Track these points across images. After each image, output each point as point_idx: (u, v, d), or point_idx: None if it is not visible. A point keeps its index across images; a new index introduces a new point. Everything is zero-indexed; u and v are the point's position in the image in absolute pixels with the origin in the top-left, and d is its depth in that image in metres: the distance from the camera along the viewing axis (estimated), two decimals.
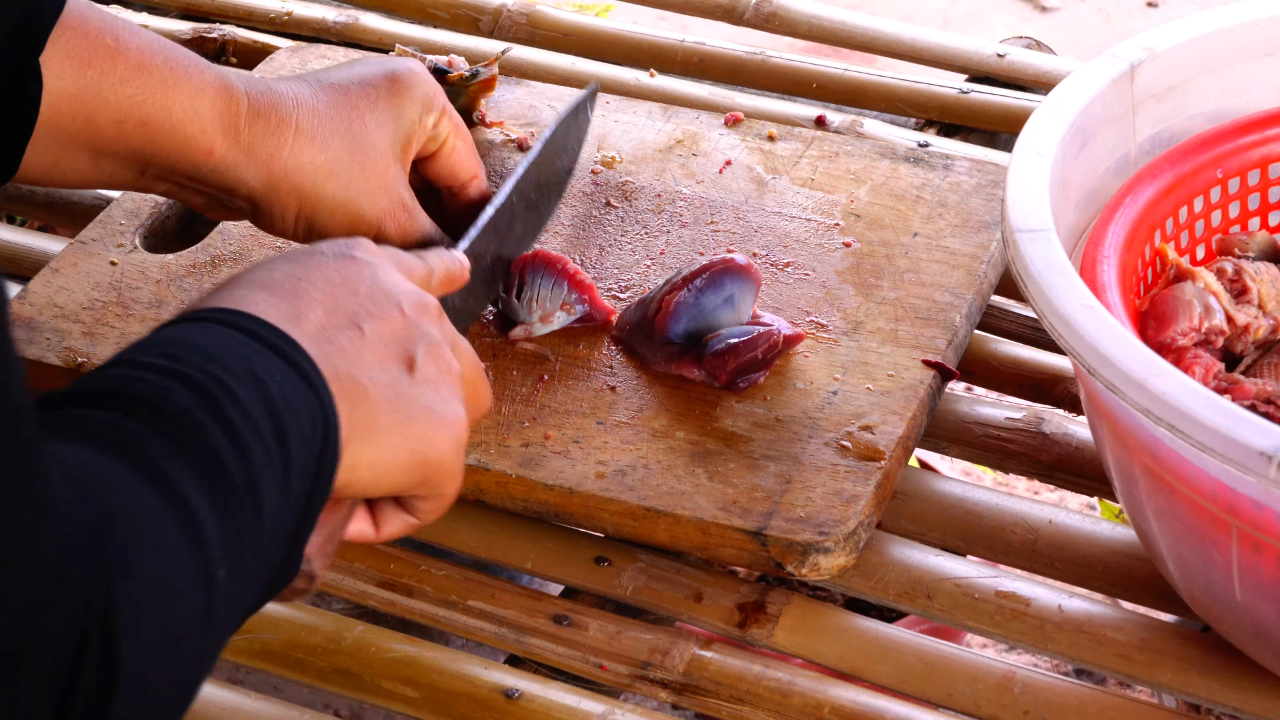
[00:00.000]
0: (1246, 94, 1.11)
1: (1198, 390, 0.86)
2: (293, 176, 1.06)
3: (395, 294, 0.87)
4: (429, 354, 0.86)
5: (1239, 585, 0.91)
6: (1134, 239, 1.03)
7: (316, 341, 0.81)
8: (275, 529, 0.75)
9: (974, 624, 1.03)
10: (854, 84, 1.43)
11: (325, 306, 0.83)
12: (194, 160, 1.05)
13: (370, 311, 0.85)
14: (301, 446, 0.77)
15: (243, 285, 0.83)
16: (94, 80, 1.02)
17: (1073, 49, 2.79)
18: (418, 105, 1.11)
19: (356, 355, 0.83)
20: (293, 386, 0.78)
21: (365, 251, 0.88)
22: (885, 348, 1.12)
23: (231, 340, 0.78)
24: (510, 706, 1.00)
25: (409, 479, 0.85)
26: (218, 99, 1.05)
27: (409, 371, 0.85)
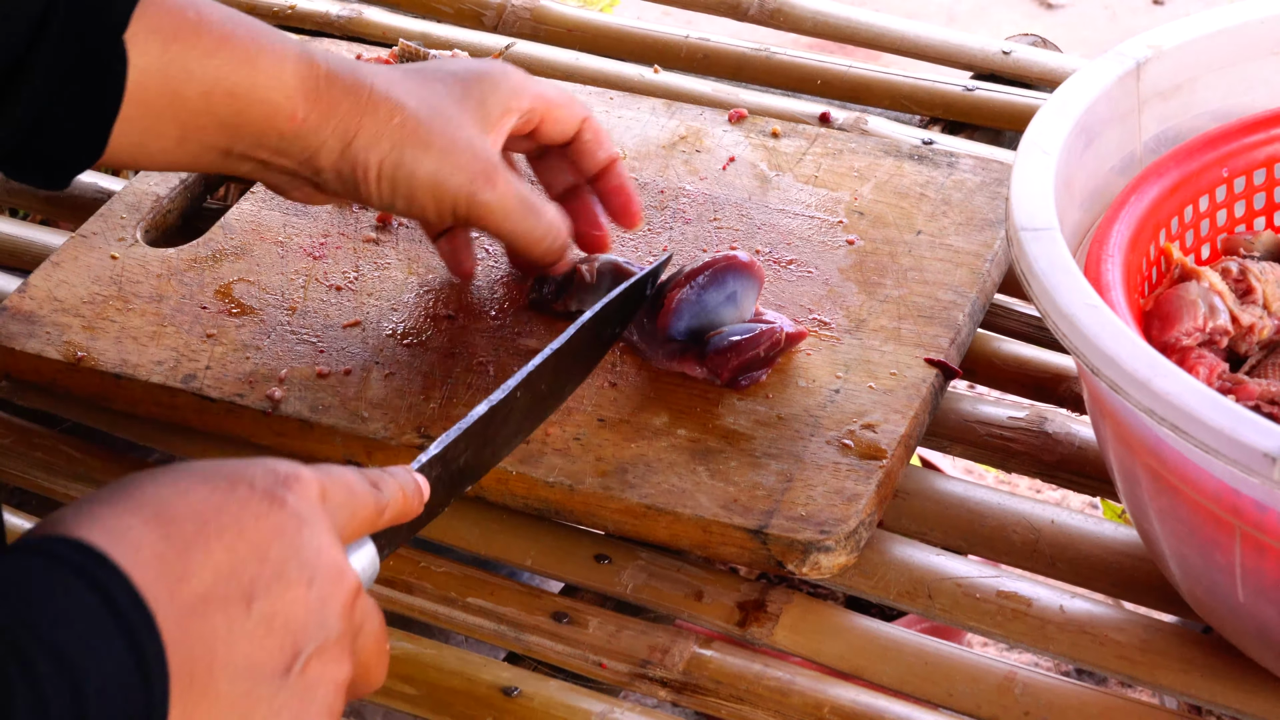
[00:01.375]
0: (1252, 93, 1.11)
1: (1202, 391, 0.86)
2: (370, 133, 1.05)
3: (311, 566, 0.74)
4: (317, 654, 0.74)
5: (1241, 587, 0.91)
6: (1139, 238, 1.03)
7: (184, 620, 0.70)
8: None
9: (975, 624, 1.02)
10: (858, 81, 1.42)
11: (219, 569, 0.71)
12: (280, 128, 1.04)
13: (269, 586, 0.72)
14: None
15: (136, 509, 0.72)
16: (179, 55, 1.02)
17: (1078, 46, 2.78)
18: (501, 90, 1.10)
19: (227, 645, 0.71)
20: (121, 679, 0.67)
21: (299, 498, 0.75)
22: (888, 346, 1.12)
23: (74, 600, 0.67)
24: (509, 704, 0.99)
25: None
26: (299, 65, 1.04)
27: (283, 673, 0.73)
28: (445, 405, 1.10)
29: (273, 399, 1.11)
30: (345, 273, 1.20)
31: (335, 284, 1.20)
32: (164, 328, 1.17)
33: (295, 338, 1.16)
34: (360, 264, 1.21)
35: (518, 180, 1.09)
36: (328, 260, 1.21)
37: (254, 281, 1.20)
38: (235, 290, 1.19)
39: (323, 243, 1.23)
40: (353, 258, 1.21)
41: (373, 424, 1.09)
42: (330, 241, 1.23)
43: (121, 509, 0.72)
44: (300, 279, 1.20)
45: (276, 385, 1.12)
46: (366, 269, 1.21)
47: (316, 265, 1.21)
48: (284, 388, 1.12)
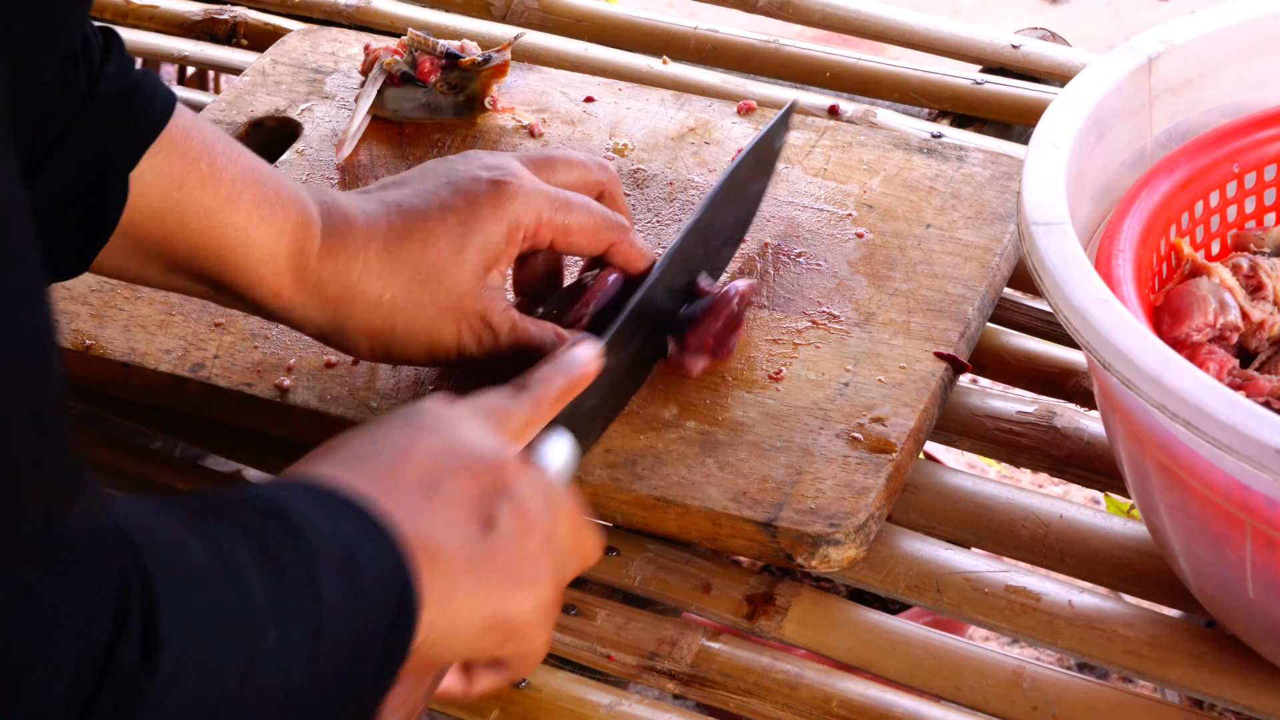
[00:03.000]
0: (1264, 88, 1.11)
1: (1213, 386, 0.85)
2: (359, 314, 1.04)
3: (468, 455, 0.86)
4: (512, 510, 0.85)
5: (1252, 583, 0.91)
6: (1149, 233, 1.03)
7: (403, 511, 0.81)
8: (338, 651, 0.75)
9: (983, 618, 1.02)
10: (867, 74, 1.42)
11: (405, 476, 0.83)
12: (262, 297, 1.03)
13: (441, 479, 0.84)
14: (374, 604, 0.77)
15: (326, 460, 0.84)
16: (179, 204, 1.00)
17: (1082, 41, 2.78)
18: (503, 229, 1.05)
19: (431, 515, 0.82)
20: (373, 548, 0.78)
21: (432, 418, 0.87)
22: (897, 339, 1.12)
23: (330, 514, 0.79)
24: (517, 695, 0.99)
25: (489, 641, 0.84)
26: (294, 238, 1.03)
27: (487, 530, 0.84)
28: (453, 396, 1.10)
29: (281, 388, 1.11)
30: None
31: None
32: (172, 316, 1.17)
33: None
34: None
35: (502, 322, 1.06)
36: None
37: None
38: None
39: None
40: None
41: (381, 414, 1.09)
42: None
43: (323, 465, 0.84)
44: None
45: (285, 374, 1.12)
46: None
47: None
48: (292, 377, 1.12)
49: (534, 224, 1.06)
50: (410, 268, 1.04)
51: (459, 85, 1.31)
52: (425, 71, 1.31)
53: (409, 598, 0.78)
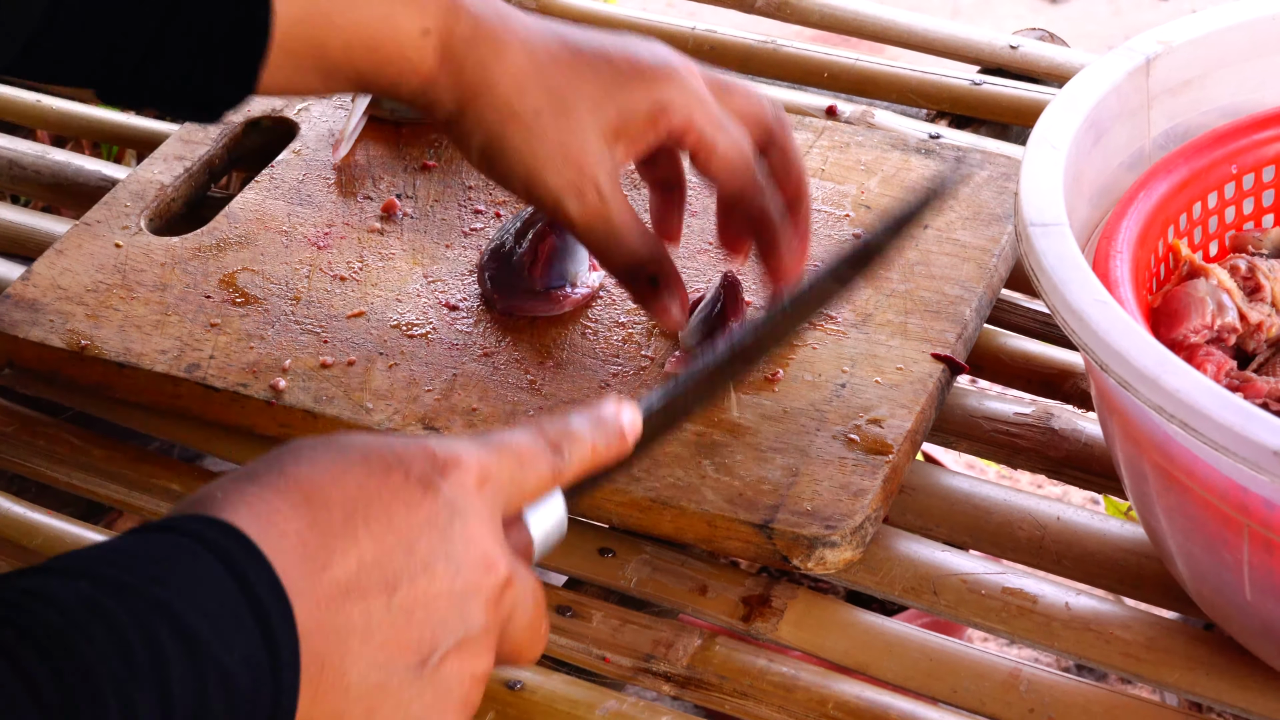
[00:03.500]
0: (1262, 89, 1.11)
1: (1211, 388, 0.85)
2: (484, 109, 1.02)
3: (456, 560, 0.72)
4: (456, 650, 0.73)
5: (1249, 585, 0.90)
6: (1147, 234, 1.02)
7: (323, 606, 0.69)
8: None
9: (980, 620, 1.02)
10: (865, 74, 1.42)
11: (364, 558, 0.70)
12: (410, 82, 1.02)
13: (414, 577, 0.71)
14: None
15: (289, 489, 0.71)
16: (324, 4, 1.00)
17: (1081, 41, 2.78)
18: (648, 104, 1.01)
19: (362, 641, 0.70)
20: (252, 671, 0.66)
21: (454, 486, 0.74)
22: (894, 341, 1.11)
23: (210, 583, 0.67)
24: (512, 698, 0.99)
25: None
26: (441, 19, 1.02)
27: (419, 666, 0.71)
28: (448, 397, 1.10)
29: (276, 389, 1.11)
30: (350, 263, 1.20)
31: (339, 274, 1.19)
32: (168, 317, 1.16)
33: (299, 328, 1.15)
34: (365, 254, 1.21)
35: (613, 198, 1.02)
36: (332, 250, 1.21)
37: (258, 271, 1.19)
38: (239, 279, 1.19)
39: (327, 232, 1.22)
40: (357, 248, 1.21)
41: (376, 415, 1.09)
42: (335, 231, 1.22)
43: (272, 490, 0.71)
44: (304, 269, 1.20)
45: (280, 375, 1.12)
46: (371, 259, 1.20)
47: (321, 255, 1.21)
48: (288, 378, 1.12)
49: (681, 122, 1.02)
50: (547, 94, 1.01)
51: None
52: None
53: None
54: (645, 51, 1.04)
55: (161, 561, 0.67)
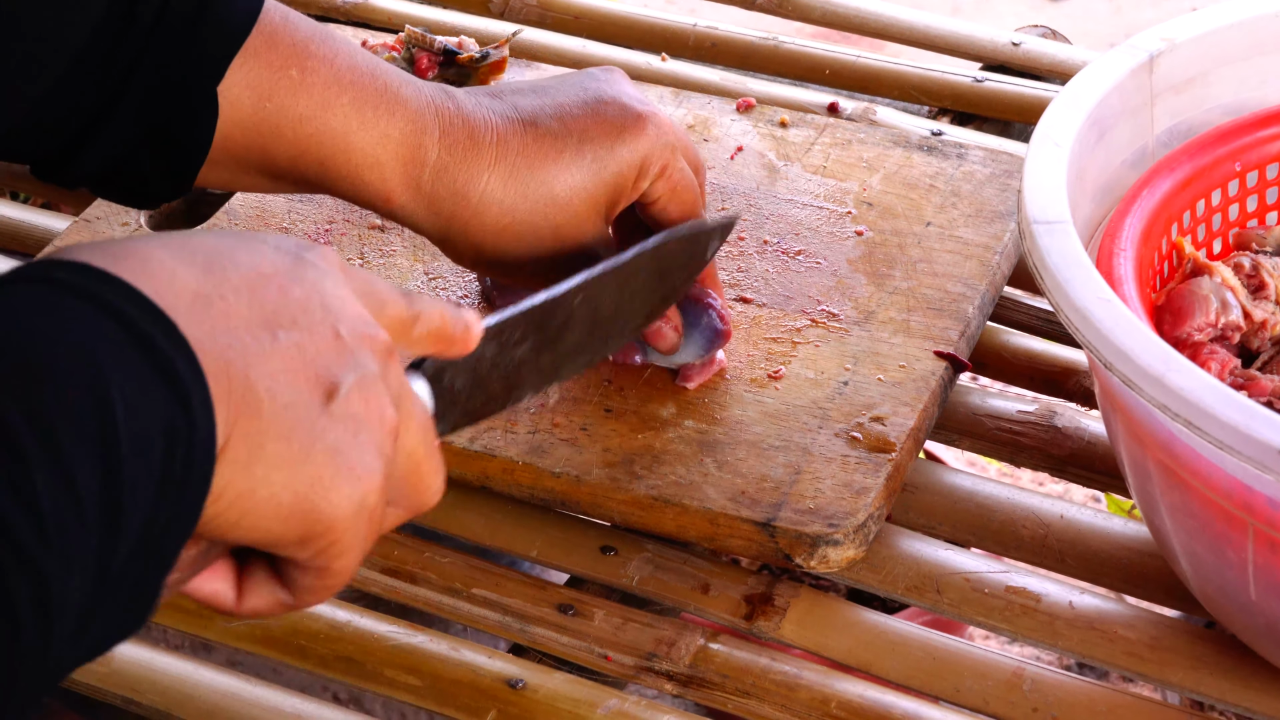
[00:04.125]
0: (1265, 87, 1.10)
1: (1215, 386, 0.85)
2: (473, 234, 1.00)
3: (335, 311, 0.71)
4: (358, 387, 0.70)
5: (1254, 584, 0.90)
6: (1151, 232, 1.02)
7: (214, 331, 0.67)
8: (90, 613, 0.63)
9: (984, 619, 1.02)
10: (867, 71, 1.42)
11: (239, 296, 0.69)
12: (370, 203, 1.00)
13: (295, 319, 0.70)
14: (145, 489, 0.63)
15: (149, 242, 0.69)
16: (272, 115, 0.97)
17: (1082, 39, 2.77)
18: (634, 167, 1.02)
19: (260, 359, 0.68)
20: (152, 406, 0.64)
21: (321, 258, 0.73)
22: (897, 338, 1.11)
23: (83, 328, 0.64)
24: (514, 696, 0.99)
25: (285, 529, 0.69)
26: (404, 146, 0.99)
27: (325, 400, 0.69)
28: None
29: None
30: (350, 259, 1.20)
31: None
32: None
33: None
34: (365, 251, 1.20)
35: (608, 255, 1.01)
36: (333, 246, 1.20)
37: None
38: None
39: (328, 229, 1.22)
40: (358, 245, 1.21)
41: None
42: (335, 228, 1.22)
43: (128, 243, 0.68)
44: None
45: None
46: (372, 256, 1.20)
47: None
48: None
49: (659, 168, 1.02)
50: (535, 198, 1.00)
51: (456, 82, 1.31)
52: (423, 68, 1.31)
53: (198, 470, 0.65)
54: (612, 107, 1.02)
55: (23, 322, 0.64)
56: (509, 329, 0.87)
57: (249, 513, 0.68)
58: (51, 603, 0.61)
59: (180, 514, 0.65)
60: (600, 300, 0.95)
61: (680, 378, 1.09)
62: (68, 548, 0.61)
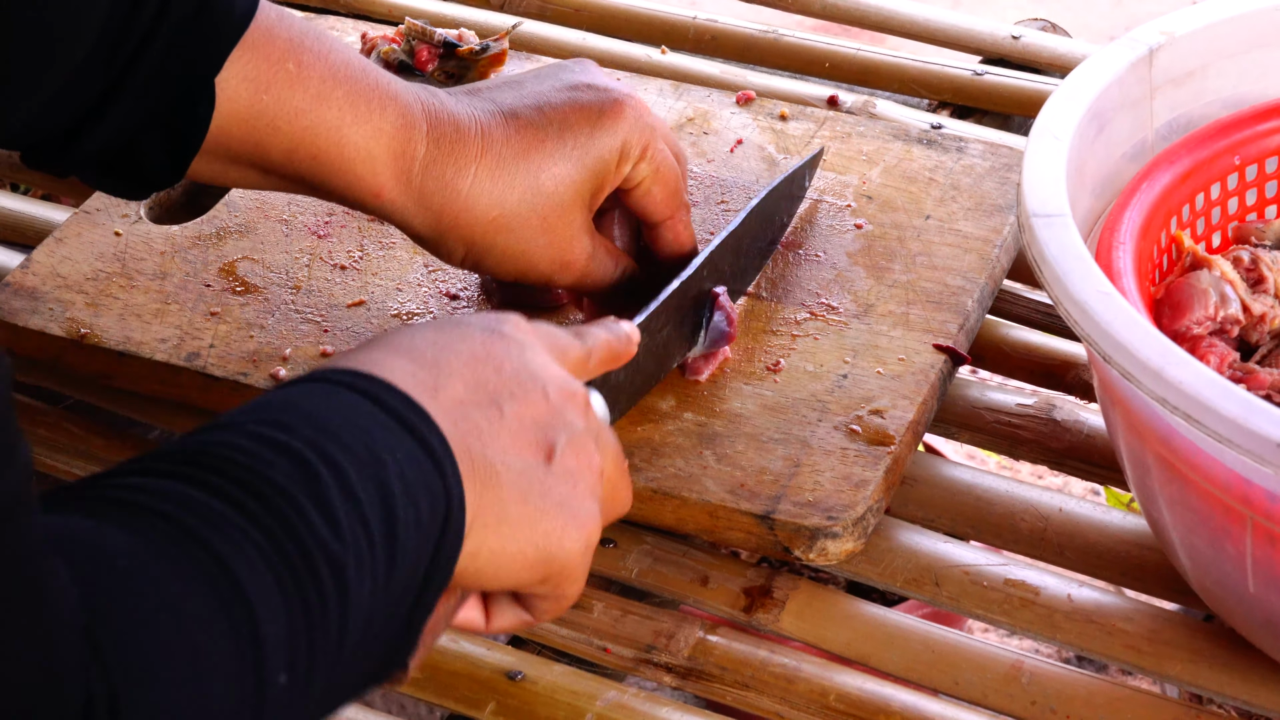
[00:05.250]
0: (1265, 80, 1.10)
1: (1214, 379, 0.85)
2: (463, 228, 1.02)
3: (541, 377, 0.82)
4: (570, 445, 0.82)
5: (1252, 577, 0.90)
6: (1150, 225, 1.02)
7: (451, 417, 0.77)
8: (370, 624, 0.72)
9: (982, 612, 1.02)
10: (867, 64, 1.42)
11: (465, 381, 0.80)
12: (361, 198, 1.02)
13: (513, 393, 0.81)
14: (414, 533, 0.73)
15: (381, 348, 0.79)
16: (268, 108, 0.99)
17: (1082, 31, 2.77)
18: (615, 150, 1.04)
19: (493, 437, 0.79)
20: (416, 466, 0.74)
21: (515, 329, 0.84)
22: (896, 331, 1.11)
23: (356, 409, 0.75)
24: (513, 688, 0.99)
25: (530, 575, 0.81)
26: (395, 139, 1.00)
27: (546, 461, 0.81)
28: None
29: (277, 378, 1.11)
30: (350, 252, 1.20)
31: (340, 263, 1.19)
32: (168, 305, 1.16)
33: (299, 317, 1.15)
34: (365, 243, 1.20)
35: (595, 253, 1.05)
36: (332, 239, 1.21)
37: (258, 260, 1.19)
38: (239, 268, 1.19)
39: (327, 221, 1.22)
40: (357, 237, 1.21)
41: None
42: (335, 220, 1.22)
43: (363, 353, 0.79)
44: (305, 258, 1.19)
45: (280, 364, 1.12)
46: (371, 248, 1.20)
47: (321, 244, 1.20)
48: (288, 367, 1.12)
49: (639, 150, 1.04)
50: (522, 188, 1.02)
51: (457, 74, 1.31)
52: (423, 60, 1.31)
53: (454, 527, 0.75)
54: (588, 93, 1.05)
55: (308, 401, 0.75)
56: (655, 319, 1.01)
57: (502, 567, 0.79)
58: (349, 590, 0.70)
59: (440, 563, 0.75)
60: (721, 264, 1.08)
61: (690, 372, 1.09)
62: (360, 555, 0.71)
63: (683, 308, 1.05)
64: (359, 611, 0.71)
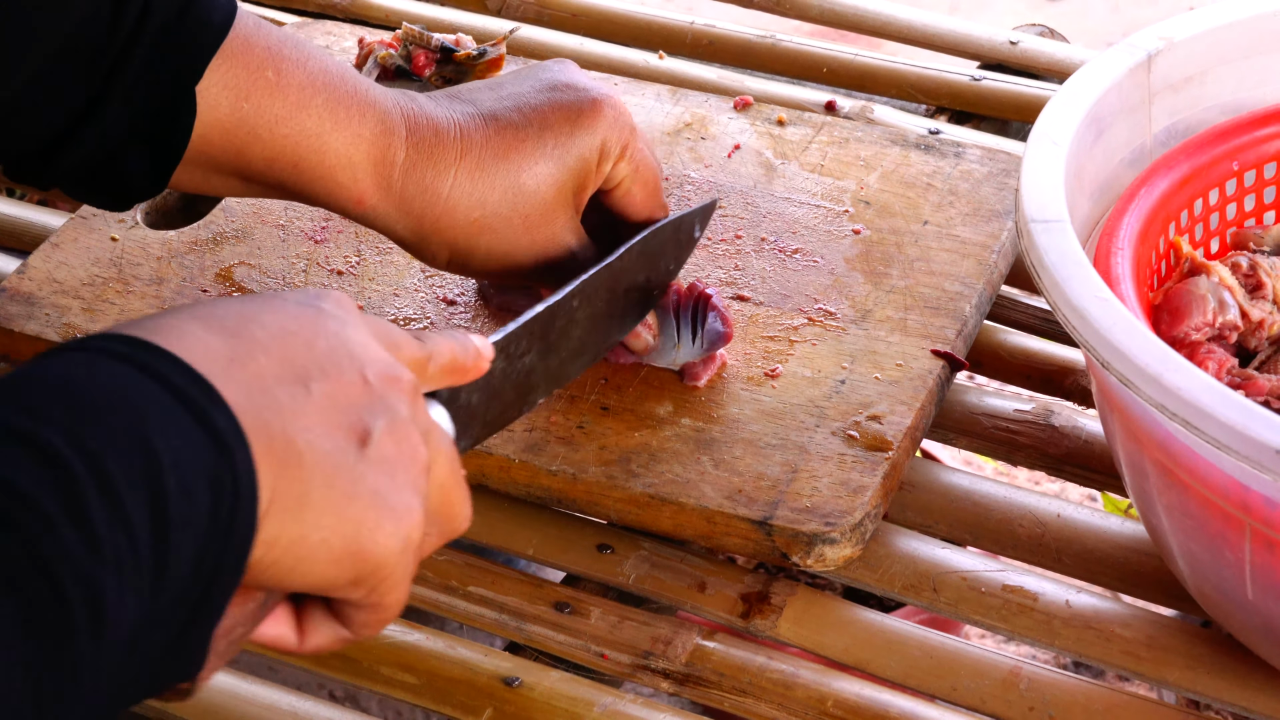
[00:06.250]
0: (1264, 86, 1.10)
1: (1213, 386, 0.85)
2: (445, 231, 1.02)
3: (360, 358, 0.74)
4: (389, 431, 0.73)
5: (1251, 584, 0.90)
6: (1148, 231, 1.02)
7: (247, 391, 0.69)
8: (136, 644, 0.64)
9: (980, 618, 1.02)
10: (865, 69, 1.42)
11: (270, 355, 0.71)
12: (342, 205, 1.01)
13: (324, 370, 0.72)
14: (189, 533, 0.65)
15: (175, 315, 0.71)
16: (249, 116, 0.98)
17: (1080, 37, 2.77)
18: (595, 149, 1.03)
19: (295, 415, 0.70)
20: (195, 451, 0.66)
21: (336, 305, 0.76)
22: (894, 337, 1.11)
23: (125, 386, 0.67)
24: (510, 694, 0.99)
25: (338, 572, 0.72)
26: (375, 145, 1.00)
27: (360, 446, 0.72)
28: None
29: None
30: (347, 257, 1.20)
31: (337, 268, 1.19)
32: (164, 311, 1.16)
33: None
34: (362, 248, 1.20)
35: (581, 253, 1.05)
36: (329, 244, 1.21)
37: (255, 265, 1.19)
38: (236, 274, 1.18)
39: (324, 227, 1.22)
40: (354, 242, 1.21)
41: None
42: (332, 225, 1.22)
43: (156, 319, 0.71)
44: (301, 263, 1.19)
45: None
46: (368, 253, 1.20)
47: (318, 249, 1.20)
48: None
49: (619, 149, 1.04)
50: (503, 188, 1.02)
51: (454, 79, 1.30)
52: (420, 65, 1.31)
53: (243, 519, 0.67)
54: (566, 93, 1.04)
55: (66, 376, 0.67)
56: (514, 341, 0.90)
57: (303, 559, 0.70)
58: (105, 612, 0.62)
59: (227, 561, 0.67)
60: (596, 299, 0.98)
61: (688, 377, 1.09)
62: (120, 565, 0.63)
63: (548, 336, 0.94)
64: (118, 637, 0.64)
